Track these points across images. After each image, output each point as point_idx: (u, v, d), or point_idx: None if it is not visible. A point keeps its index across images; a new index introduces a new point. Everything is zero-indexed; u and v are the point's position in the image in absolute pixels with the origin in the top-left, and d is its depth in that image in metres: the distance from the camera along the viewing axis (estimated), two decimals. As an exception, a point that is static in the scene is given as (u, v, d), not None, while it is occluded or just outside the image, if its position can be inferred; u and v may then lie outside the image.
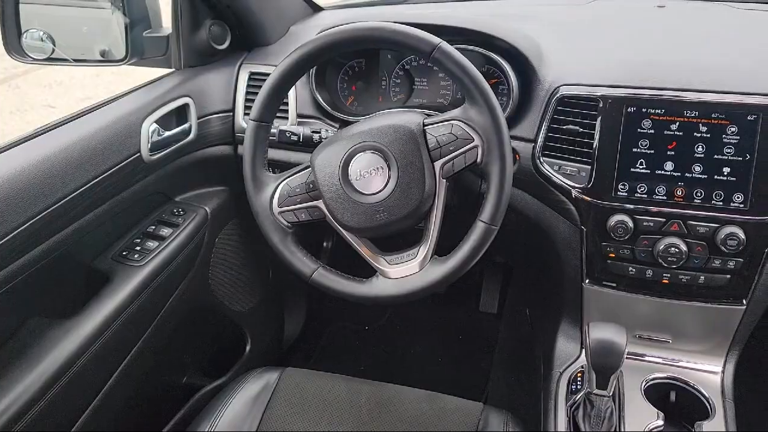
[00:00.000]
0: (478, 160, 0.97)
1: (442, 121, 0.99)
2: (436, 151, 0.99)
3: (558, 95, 1.12)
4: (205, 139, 1.33)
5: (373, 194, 1.00)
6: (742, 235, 1.04)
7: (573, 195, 1.12)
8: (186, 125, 1.28)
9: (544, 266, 1.31)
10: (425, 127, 0.99)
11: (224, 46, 1.37)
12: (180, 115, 1.28)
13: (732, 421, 1.08)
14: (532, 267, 1.59)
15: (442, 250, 1.01)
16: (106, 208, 1.13)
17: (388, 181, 1.00)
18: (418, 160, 0.98)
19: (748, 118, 1.02)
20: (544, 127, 1.14)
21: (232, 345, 1.63)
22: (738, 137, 1.03)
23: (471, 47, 1.22)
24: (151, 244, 1.24)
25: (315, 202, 1.04)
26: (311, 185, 1.04)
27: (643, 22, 1.35)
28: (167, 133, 1.23)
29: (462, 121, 0.98)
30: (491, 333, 1.97)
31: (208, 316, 1.51)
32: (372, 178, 1.00)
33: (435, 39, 0.96)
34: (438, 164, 0.99)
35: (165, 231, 1.27)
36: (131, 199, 1.19)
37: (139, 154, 1.17)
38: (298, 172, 1.06)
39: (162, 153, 1.23)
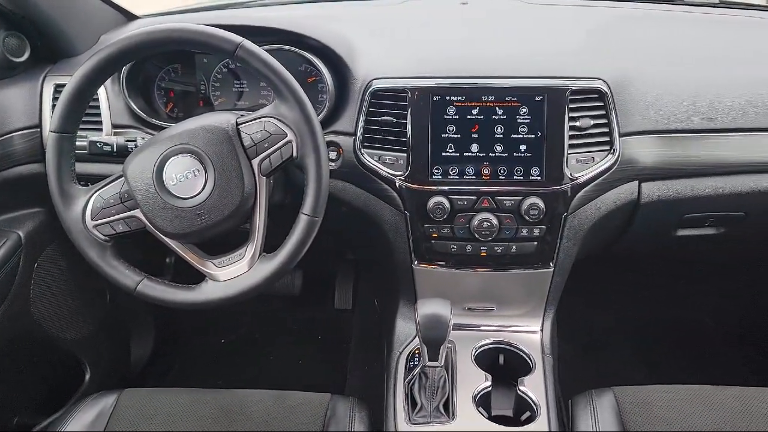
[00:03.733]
0: (294, 154, 1.00)
1: (254, 119, 1.00)
2: (252, 149, 1.00)
3: (371, 89, 1.17)
4: (10, 158, 1.23)
5: (192, 198, 0.99)
6: (542, 205, 1.15)
7: (397, 184, 1.18)
8: (-16, 144, 1.18)
9: (379, 254, 1.36)
10: (239, 126, 1.00)
11: (23, 59, 1.28)
12: None
13: (550, 372, 1.20)
14: (372, 257, 1.65)
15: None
16: None
17: (205, 183, 0.99)
18: (234, 159, 0.99)
19: (536, 98, 1.14)
20: (361, 121, 1.19)
21: (69, 376, 1.52)
22: (529, 117, 1.14)
23: (286, 47, 1.25)
24: (-48, 276, 1.12)
25: (132, 212, 1.01)
26: (126, 195, 1.01)
27: (447, 18, 1.45)
28: (-40, 155, 1.13)
29: (274, 118, 1.00)
30: (348, 328, 2.01)
31: (35, 348, 1.39)
32: (189, 181, 0.99)
33: (237, 38, 0.97)
34: (255, 162, 1.00)
35: (-32, 260, 1.16)
36: None
37: None
38: (111, 182, 1.02)
39: (-44, 176, 1.12)
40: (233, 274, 1.02)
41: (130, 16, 1.52)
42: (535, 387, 1.16)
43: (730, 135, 1.19)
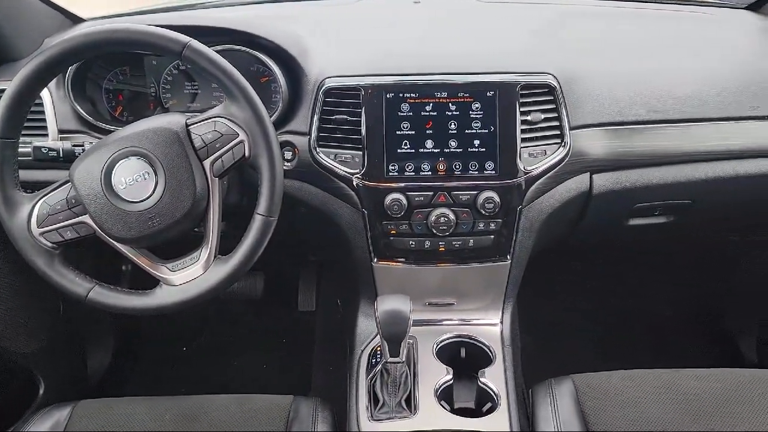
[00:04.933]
0: (246, 154, 0.99)
1: (204, 120, 0.99)
2: (203, 150, 0.98)
3: (324, 87, 1.17)
4: None
5: (142, 201, 0.98)
6: (497, 198, 1.17)
7: (354, 182, 1.18)
8: None
9: (339, 253, 1.36)
10: (189, 127, 0.99)
11: (-37, 64, 1.24)
12: None
13: (510, 363, 1.22)
14: (332, 256, 1.64)
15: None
16: None
17: (156, 186, 0.97)
18: (184, 161, 0.97)
19: (488, 94, 1.15)
20: (315, 119, 1.18)
21: (22, 391, 1.47)
22: (482, 112, 1.15)
23: (237, 47, 1.23)
24: None
25: (80, 218, 0.99)
26: (73, 200, 0.98)
27: (401, 16, 1.46)
28: None
29: (224, 118, 0.99)
30: (312, 330, 2.00)
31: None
32: (138, 184, 0.97)
33: (184, 38, 0.95)
34: (207, 163, 0.99)
35: None
36: None
37: None
38: (57, 188, 1.00)
39: None
40: (188, 277, 1.00)
41: (75, 19, 1.48)
42: (495, 378, 1.17)
43: (675, 126, 1.23)
